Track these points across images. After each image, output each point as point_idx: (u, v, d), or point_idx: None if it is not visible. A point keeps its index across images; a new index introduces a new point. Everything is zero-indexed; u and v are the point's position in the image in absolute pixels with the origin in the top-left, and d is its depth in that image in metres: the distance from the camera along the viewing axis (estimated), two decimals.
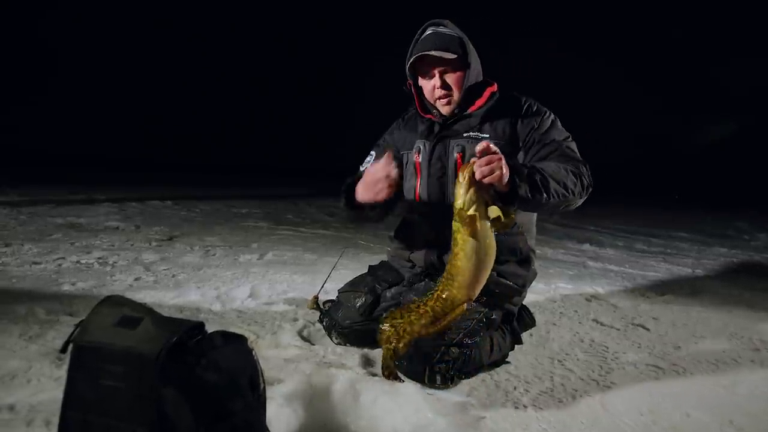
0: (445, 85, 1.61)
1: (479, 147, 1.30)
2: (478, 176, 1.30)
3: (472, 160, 1.33)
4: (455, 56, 1.57)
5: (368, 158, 1.84)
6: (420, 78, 1.67)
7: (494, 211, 1.36)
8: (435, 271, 1.73)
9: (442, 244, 1.59)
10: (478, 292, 1.44)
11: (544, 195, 1.40)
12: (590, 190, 1.55)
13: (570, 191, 1.46)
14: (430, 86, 1.64)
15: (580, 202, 1.56)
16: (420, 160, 1.73)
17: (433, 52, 1.55)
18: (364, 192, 1.60)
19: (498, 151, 1.32)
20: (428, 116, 1.73)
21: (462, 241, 1.38)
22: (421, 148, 1.74)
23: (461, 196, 1.35)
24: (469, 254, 1.38)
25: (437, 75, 1.60)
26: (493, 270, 1.50)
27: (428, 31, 1.61)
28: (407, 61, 1.62)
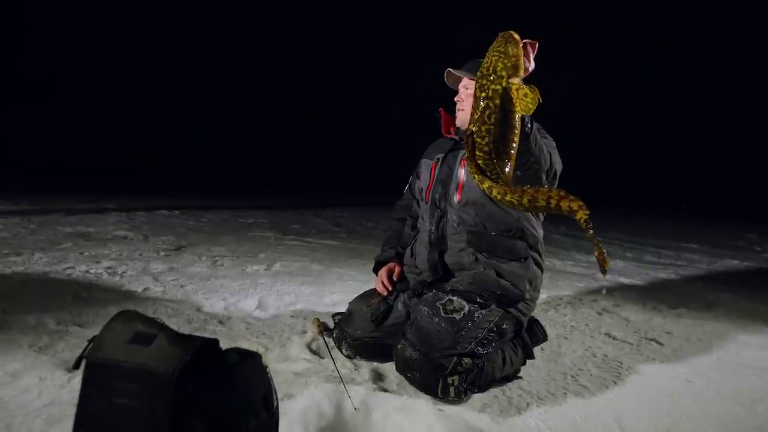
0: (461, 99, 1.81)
1: None
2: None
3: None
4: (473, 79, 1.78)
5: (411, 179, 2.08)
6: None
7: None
8: (437, 273, 1.78)
9: (444, 244, 1.77)
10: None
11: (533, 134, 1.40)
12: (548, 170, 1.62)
13: (544, 151, 1.55)
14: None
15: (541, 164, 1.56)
16: (435, 166, 1.88)
17: (457, 72, 1.80)
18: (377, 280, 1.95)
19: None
20: (450, 136, 1.89)
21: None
22: (439, 157, 1.89)
23: (512, 57, 1.23)
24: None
25: (461, 90, 1.82)
26: (492, 268, 1.69)
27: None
28: (445, 72, 1.85)
